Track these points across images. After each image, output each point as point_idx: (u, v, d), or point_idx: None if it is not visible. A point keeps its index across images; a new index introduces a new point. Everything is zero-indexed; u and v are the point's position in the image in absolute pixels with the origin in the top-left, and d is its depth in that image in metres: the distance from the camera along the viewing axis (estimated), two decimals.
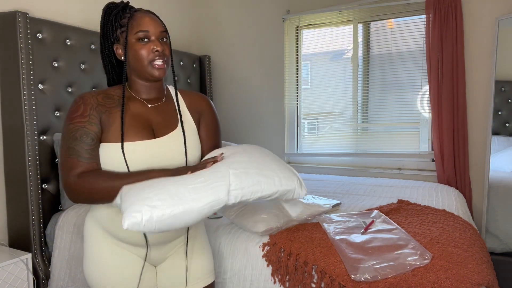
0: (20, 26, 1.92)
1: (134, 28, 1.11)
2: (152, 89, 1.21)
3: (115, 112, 1.14)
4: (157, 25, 1.14)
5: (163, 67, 1.14)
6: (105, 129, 1.12)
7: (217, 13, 3.48)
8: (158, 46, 1.12)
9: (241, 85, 3.42)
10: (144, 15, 1.14)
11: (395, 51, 2.87)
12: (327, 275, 1.36)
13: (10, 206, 2.03)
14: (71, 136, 1.08)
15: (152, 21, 1.13)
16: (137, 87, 1.19)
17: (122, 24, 1.14)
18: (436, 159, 2.65)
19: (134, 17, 1.13)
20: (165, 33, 1.16)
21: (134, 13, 1.14)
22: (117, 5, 1.17)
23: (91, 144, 1.08)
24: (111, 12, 1.16)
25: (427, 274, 1.28)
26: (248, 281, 1.55)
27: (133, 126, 1.14)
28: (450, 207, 2.03)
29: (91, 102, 1.12)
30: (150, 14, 1.16)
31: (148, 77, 1.15)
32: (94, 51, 2.36)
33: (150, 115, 1.18)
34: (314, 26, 3.17)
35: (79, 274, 1.93)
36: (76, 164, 1.07)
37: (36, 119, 1.99)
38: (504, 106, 2.54)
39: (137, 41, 1.12)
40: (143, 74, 1.15)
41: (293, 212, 1.81)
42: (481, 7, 2.54)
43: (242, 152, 1.14)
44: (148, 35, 1.12)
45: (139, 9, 1.16)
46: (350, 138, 3.09)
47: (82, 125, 1.08)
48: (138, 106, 1.18)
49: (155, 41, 1.12)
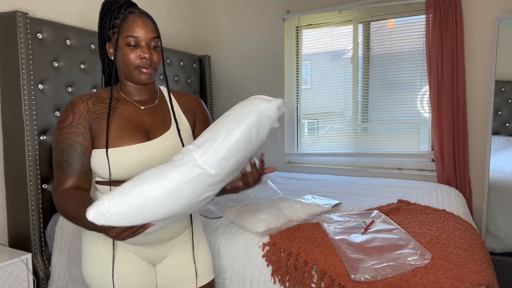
0: (20, 26, 1.92)
1: (125, 31, 1.10)
2: (144, 91, 1.20)
3: (106, 118, 1.13)
4: (148, 30, 1.11)
5: (149, 72, 1.13)
6: (97, 136, 1.11)
7: (217, 13, 3.48)
8: (146, 53, 1.10)
9: (241, 85, 3.42)
10: (137, 18, 1.11)
11: (395, 51, 2.87)
12: (327, 275, 1.36)
13: (10, 206, 2.03)
14: (58, 148, 1.09)
15: (144, 26, 1.11)
16: (128, 89, 1.19)
17: (114, 24, 1.13)
18: (436, 159, 2.65)
19: (127, 19, 1.11)
20: (157, 39, 1.13)
21: (127, 15, 1.11)
22: (116, 2, 1.15)
23: (75, 156, 1.08)
24: (108, 9, 1.14)
25: (427, 274, 1.28)
26: (248, 281, 1.55)
27: (127, 129, 1.13)
28: (450, 207, 2.03)
29: (80, 110, 1.11)
30: (144, 17, 1.13)
31: (135, 81, 1.15)
32: (94, 51, 2.36)
33: (143, 117, 1.18)
34: (314, 26, 3.17)
35: (79, 274, 1.93)
36: (61, 179, 1.09)
37: (36, 119, 1.99)
38: (504, 106, 2.54)
39: (126, 45, 1.10)
40: (130, 78, 1.14)
41: (293, 212, 1.81)
42: (481, 7, 2.54)
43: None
44: (137, 41, 1.10)
45: (133, 11, 1.13)
46: (350, 138, 3.09)
47: (68, 137, 1.09)
48: (131, 109, 1.17)
49: (144, 48, 1.11)
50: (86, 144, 1.10)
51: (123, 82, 1.18)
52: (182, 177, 0.90)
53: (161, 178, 0.89)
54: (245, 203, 1.88)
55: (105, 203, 0.86)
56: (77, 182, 1.09)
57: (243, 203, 1.89)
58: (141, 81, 1.14)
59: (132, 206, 0.87)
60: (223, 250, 1.63)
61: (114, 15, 1.13)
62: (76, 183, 1.09)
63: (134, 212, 0.87)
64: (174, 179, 0.89)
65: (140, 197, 0.87)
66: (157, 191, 0.88)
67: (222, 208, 1.88)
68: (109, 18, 1.13)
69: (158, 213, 0.90)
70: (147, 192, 0.87)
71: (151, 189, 0.88)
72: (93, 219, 0.86)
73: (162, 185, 0.89)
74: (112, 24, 1.13)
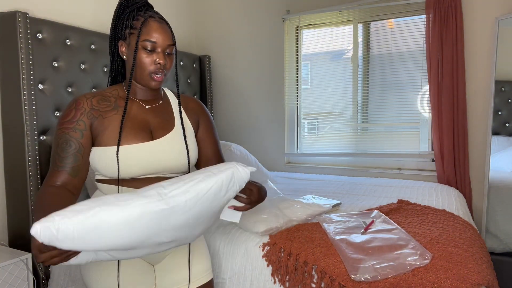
0: (20, 26, 1.92)
1: (144, 35, 1.11)
2: (149, 92, 1.22)
3: (110, 116, 1.14)
4: (166, 37, 1.13)
5: (160, 79, 1.15)
6: (99, 134, 1.12)
7: (217, 13, 3.48)
8: (161, 59, 1.12)
9: (241, 85, 3.42)
10: (157, 24, 1.12)
11: (395, 51, 2.87)
12: (327, 275, 1.36)
13: (10, 206, 2.03)
14: (55, 143, 1.10)
15: (163, 33, 1.12)
16: (134, 88, 1.21)
17: (133, 25, 1.14)
18: (436, 159, 2.65)
19: (147, 23, 1.12)
20: (172, 46, 1.15)
21: (148, 18, 1.12)
22: (134, 2, 1.15)
23: (69, 151, 1.08)
24: (126, 8, 1.15)
25: (427, 274, 1.28)
26: (248, 281, 1.55)
27: (131, 128, 1.14)
28: (450, 207, 2.03)
29: (83, 107, 1.12)
30: (163, 24, 1.14)
31: (144, 85, 1.16)
32: (94, 51, 2.36)
33: (148, 117, 1.19)
34: (314, 26, 3.17)
35: (79, 274, 1.93)
36: (50, 173, 1.08)
37: (36, 119, 1.99)
38: (504, 106, 2.54)
39: (143, 49, 1.12)
40: (140, 81, 1.16)
41: (293, 212, 1.81)
42: (481, 7, 2.54)
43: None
44: (155, 46, 1.12)
45: (153, 16, 1.14)
46: (350, 138, 3.09)
47: (66, 132, 1.09)
48: (136, 108, 1.19)
49: (160, 54, 1.12)
50: (83, 141, 1.10)
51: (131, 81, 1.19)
52: (146, 207, 0.85)
53: (124, 204, 0.84)
54: None
55: (55, 218, 0.77)
56: (67, 178, 1.08)
57: None
58: (150, 86, 1.15)
59: (85, 227, 0.78)
60: (223, 250, 1.63)
61: (132, 16, 1.14)
62: (65, 179, 1.08)
63: (85, 235, 0.79)
64: (137, 207, 0.84)
65: (97, 219, 0.79)
66: (116, 217, 0.81)
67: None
68: (126, 17, 1.14)
69: (109, 241, 0.83)
70: (106, 215, 0.80)
71: (111, 213, 0.81)
72: (36, 234, 0.75)
73: (123, 211, 0.82)
74: (130, 24, 1.14)
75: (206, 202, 0.96)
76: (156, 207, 0.87)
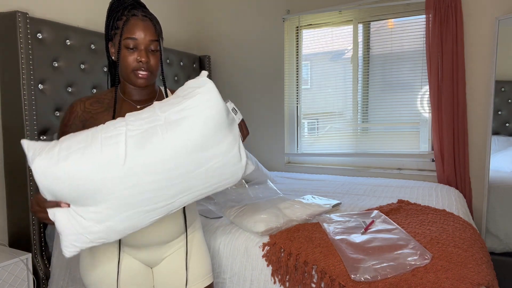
0: (20, 26, 1.92)
1: (125, 33, 1.11)
2: (144, 91, 1.21)
3: (101, 117, 1.15)
4: (148, 33, 1.12)
5: (145, 76, 1.13)
6: None
7: (217, 13, 3.48)
8: (143, 57, 1.11)
9: (241, 85, 3.42)
10: (138, 21, 1.12)
11: (395, 51, 2.87)
12: (327, 275, 1.36)
13: (10, 206, 2.03)
14: None
15: (144, 29, 1.11)
16: (128, 89, 1.20)
17: (117, 25, 1.14)
18: (436, 159, 2.65)
19: (128, 22, 1.11)
20: (156, 42, 1.14)
21: (130, 17, 1.12)
22: (123, 2, 1.15)
23: None
24: (114, 9, 1.15)
25: (427, 274, 1.28)
26: (248, 281, 1.55)
27: None
28: (450, 207, 2.03)
29: (76, 110, 1.15)
30: (146, 20, 1.13)
31: (132, 84, 1.16)
32: (94, 51, 2.36)
33: None
34: (314, 26, 3.17)
35: (79, 274, 1.93)
36: None
37: (36, 119, 1.99)
38: (504, 106, 2.54)
39: (125, 47, 1.11)
40: (127, 80, 1.16)
41: (293, 212, 1.81)
42: (481, 7, 2.54)
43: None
44: (136, 43, 1.11)
45: (136, 14, 1.13)
46: (350, 138, 3.09)
47: (63, 135, 1.13)
48: (126, 108, 1.19)
49: (141, 51, 1.12)
50: None
51: (123, 83, 1.20)
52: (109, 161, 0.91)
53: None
54: (245, 203, 1.88)
55: (62, 145, 0.91)
56: None
57: (243, 203, 1.89)
58: (137, 84, 1.15)
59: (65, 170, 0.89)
60: (223, 250, 1.63)
61: (118, 16, 1.14)
62: None
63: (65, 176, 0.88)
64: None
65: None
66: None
67: (222, 208, 1.88)
68: (113, 18, 1.14)
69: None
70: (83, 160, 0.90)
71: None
72: (24, 144, 0.90)
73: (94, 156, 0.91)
74: (115, 25, 1.14)
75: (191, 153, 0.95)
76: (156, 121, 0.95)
